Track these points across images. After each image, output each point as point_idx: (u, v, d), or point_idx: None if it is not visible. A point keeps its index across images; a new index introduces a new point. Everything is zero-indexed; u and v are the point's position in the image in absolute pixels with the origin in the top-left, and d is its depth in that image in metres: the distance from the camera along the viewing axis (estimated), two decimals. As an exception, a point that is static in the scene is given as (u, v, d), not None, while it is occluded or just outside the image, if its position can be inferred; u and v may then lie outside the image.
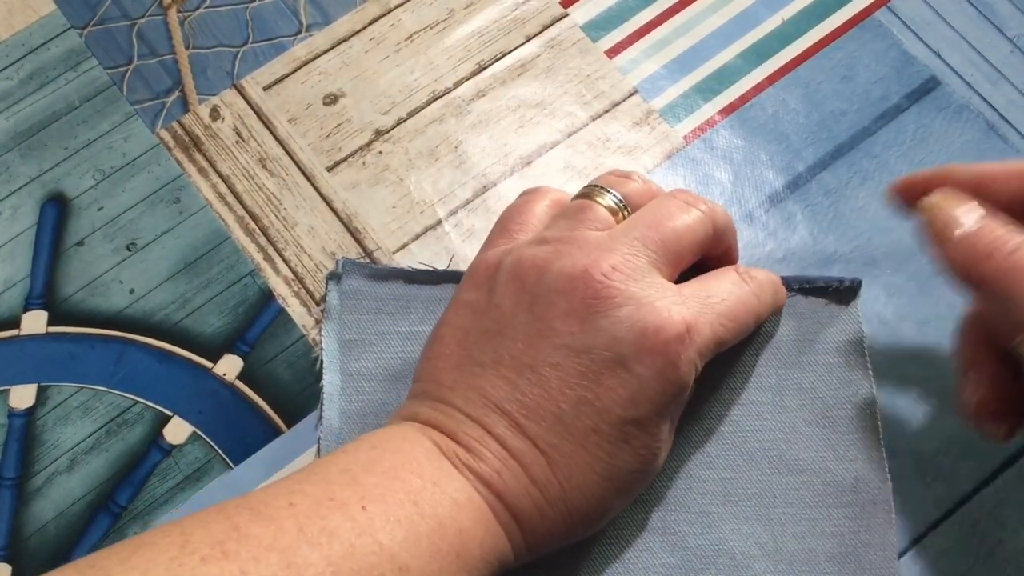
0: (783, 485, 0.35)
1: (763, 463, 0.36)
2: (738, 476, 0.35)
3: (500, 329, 0.31)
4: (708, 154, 0.42)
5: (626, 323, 0.30)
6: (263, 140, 0.42)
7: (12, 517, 0.37)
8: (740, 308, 0.33)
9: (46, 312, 0.39)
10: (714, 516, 0.35)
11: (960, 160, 0.41)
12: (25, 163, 0.42)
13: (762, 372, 0.37)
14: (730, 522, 0.35)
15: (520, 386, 0.30)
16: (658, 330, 0.30)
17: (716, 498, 0.35)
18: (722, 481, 0.35)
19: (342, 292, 0.38)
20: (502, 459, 0.30)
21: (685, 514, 0.35)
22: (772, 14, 0.44)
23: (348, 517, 0.27)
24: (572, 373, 0.30)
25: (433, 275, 0.38)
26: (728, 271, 0.34)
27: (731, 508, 0.35)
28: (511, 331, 0.31)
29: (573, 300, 0.30)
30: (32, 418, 0.38)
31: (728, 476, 0.35)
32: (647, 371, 0.30)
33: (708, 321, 0.31)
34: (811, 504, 0.35)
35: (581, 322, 0.30)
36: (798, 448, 0.36)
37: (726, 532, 0.35)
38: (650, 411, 0.30)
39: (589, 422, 0.30)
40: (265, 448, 0.37)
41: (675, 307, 0.30)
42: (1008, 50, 0.43)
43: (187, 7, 0.45)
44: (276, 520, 0.27)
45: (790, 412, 0.36)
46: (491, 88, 0.43)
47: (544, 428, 0.30)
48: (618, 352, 0.30)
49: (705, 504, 0.35)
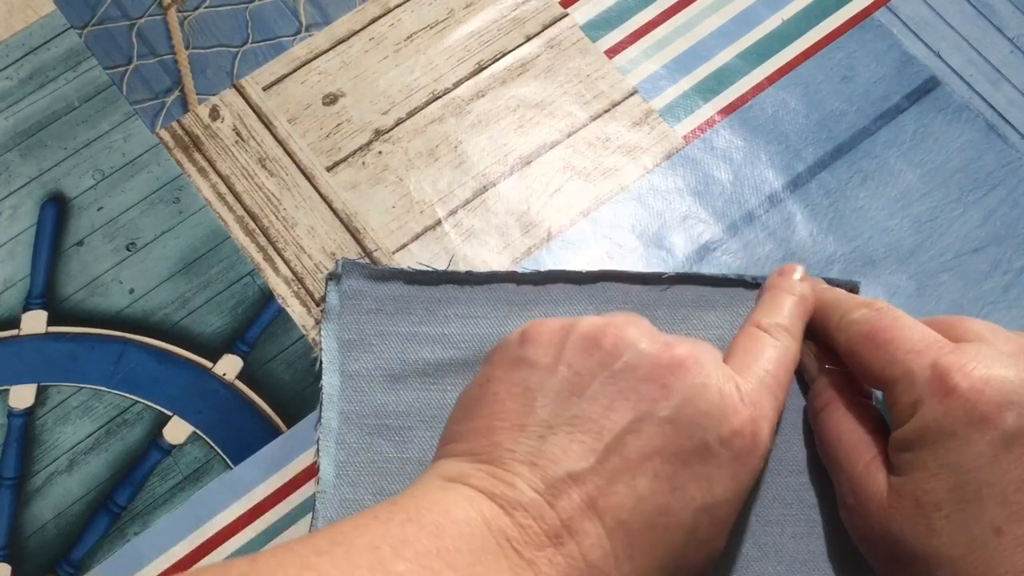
0: (782, 485, 0.35)
1: None
2: None
3: (575, 390, 0.29)
4: (708, 154, 0.42)
5: (709, 398, 0.29)
6: (263, 140, 0.42)
7: (12, 517, 0.37)
8: (784, 371, 0.33)
9: (46, 312, 0.39)
10: None
11: (959, 160, 0.41)
12: (25, 163, 0.42)
13: None
14: None
15: (597, 452, 0.28)
16: (736, 413, 0.29)
17: None
18: None
19: (342, 292, 0.38)
20: (557, 542, 0.27)
21: None
22: (772, 14, 0.44)
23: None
24: (655, 444, 0.28)
25: (433, 276, 0.38)
26: (756, 337, 0.34)
27: None
28: (589, 392, 0.29)
29: (657, 364, 0.29)
30: (32, 418, 0.38)
31: None
32: (729, 454, 0.29)
33: (769, 400, 0.31)
34: (811, 505, 0.35)
35: (663, 387, 0.29)
36: (797, 448, 0.36)
37: None
38: (723, 498, 0.29)
39: (662, 500, 0.28)
40: (265, 448, 0.37)
41: (746, 391, 0.30)
42: (1008, 50, 0.43)
43: (187, 7, 0.45)
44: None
45: (789, 412, 0.36)
46: (491, 88, 0.43)
47: (614, 503, 0.27)
48: (701, 427, 0.28)
49: None
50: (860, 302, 0.34)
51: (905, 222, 0.40)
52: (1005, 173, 0.40)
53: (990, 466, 0.28)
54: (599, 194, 0.41)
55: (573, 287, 0.38)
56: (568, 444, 0.28)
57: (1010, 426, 0.28)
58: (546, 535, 0.27)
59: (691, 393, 0.29)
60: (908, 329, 0.31)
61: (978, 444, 0.28)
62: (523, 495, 0.27)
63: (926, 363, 0.30)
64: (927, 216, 0.40)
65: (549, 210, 0.41)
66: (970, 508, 0.28)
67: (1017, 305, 0.38)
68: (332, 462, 0.36)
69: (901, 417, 0.30)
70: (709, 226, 0.40)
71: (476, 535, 0.26)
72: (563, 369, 0.29)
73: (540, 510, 0.27)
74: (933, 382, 0.29)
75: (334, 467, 0.36)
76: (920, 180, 0.41)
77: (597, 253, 0.40)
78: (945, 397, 0.29)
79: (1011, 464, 0.28)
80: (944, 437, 0.29)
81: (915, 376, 0.30)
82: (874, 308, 0.33)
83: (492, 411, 0.29)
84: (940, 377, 0.29)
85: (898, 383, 0.30)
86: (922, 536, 0.29)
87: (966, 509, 0.28)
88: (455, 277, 0.38)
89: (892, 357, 0.31)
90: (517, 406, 0.29)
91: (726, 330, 0.37)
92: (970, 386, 0.29)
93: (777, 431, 0.31)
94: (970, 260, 0.39)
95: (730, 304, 0.38)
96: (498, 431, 0.29)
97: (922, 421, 0.29)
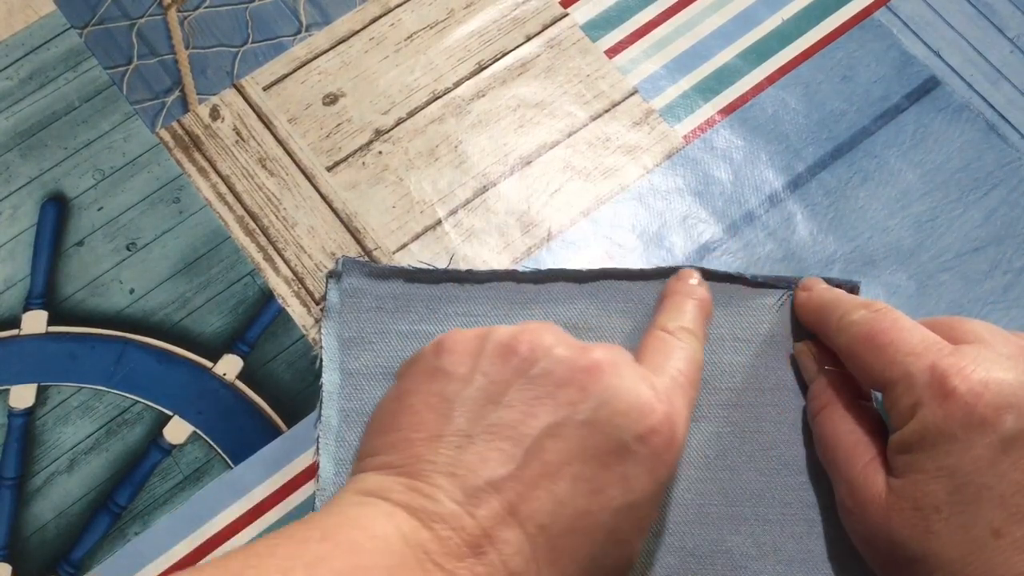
0: (782, 485, 0.35)
1: (762, 463, 0.36)
2: (737, 476, 0.35)
3: (492, 398, 0.29)
4: (708, 154, 0.42)
5: (625, 398, 0.29)
6: (263, 140, 0.42)
7: (12, 517, 0.37)
8: (694, 369, 0.33)
9: (46, 312, 0.39)
10: (712, 516, 0.35)
11: (959, 159, 0.41)
12: (25, 163, 0.42)
13: (761, 373, 0.37)
14: (729, 522, 0.35)
15: (517, 459, 0.28)
16: (653, 411, 0.29)
17: (714, 498, 0.35)
18: (721, 481, 0.35)
19: (342, 290, 0.38)
20: (477, 552, 0.27)
21: (683, 514, 0.35)
22: (772, 14, 0.44)
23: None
24: (573, 447, 0.28)
25: (433, 274, 0.38)
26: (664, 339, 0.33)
27: (729, 508, 0.35)
28: (506, 399, 0.29)
29: (573, 368, 0.29)
30: (32, 418, 0.38)
31: (727, 476, 0.35)
32: (647, 451, 0.29)
33: (682, 398, 0.31)
34: (810, 504, 0.35)
35: (581, 391, 0.29)
36: (797, 448, 0.36)
37: (725, 532, 0.35)
38: (642, 497, 0.29)
39: (583, 503, 0.28)
40: (265, 448, 0.37)
41: (661, 389, 0.30)
42: (1008, 50, 0.43)
43: (187, 7, 0.45)
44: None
45: (789, 412, 0.36)
46: (491, 88, 0.43)
47: (535, 508, 0.27)
48: (618, 427, 0.28)
49: (703, 504, 0.35)
50: (859, 303, 0.34)
51: (905, 222, 0.40)
52: (1005, 173, 0.40)
53: (989, 469, 0.28)
54: (599, 194, 0.41)
55: (573, 285, 0.38)
56: (487, 452, 0.28)
57: (1008, 429, 0.28)
58: (466, 545, 0.27)
59: (608, 395, 0.29)
60: (907, 331, 0.31)
61: (977, 447, 0.28)
62: (443, 507, 0.27)
63: (925, 365, 0.30)
64: (927, 216, 0.40)
65: (549, 210, 0.41)
66: (969, 510, 0.28)
67: (1017, 305, 0.39)
68: (332, 459, 0.36)
69: (900, 419, 0.30)
70: (709, 226, 0.40)
71: (394, 551, 0.26)
72: (479, 377, 0.29)
73: (460, 521, 0.27)
74: (932, 385, 0.29)
75: (333, 464, 0.36)
76: (920, 180, 0.41)
77: (597, 253, 0.40)
78: (944, 400, 0.29)
79: (1010, 467, 0.28)
80: (943, 440, 0.29)
81: (914, 378, 0.30)
82: (873, 309, 0.33)
83: (409, 423, 0.29)
84: (939, 380, 0.29)
85: (897, 385, 0.30)
86: (920, 538, 0.29)
87: (965, 511, 0.28)
88: (455, 275, 0.38)
89: (891, 359, 0.31)
90: (434, 416, 0.29)
91: (725, 328, 0.37)
92: (969, 389, 0.29)
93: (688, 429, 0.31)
94: (970, 260, 0.39)
95: (729, 302, 0.38)
96: (416, 443, 0.29)
97: (921, 424, 0.29)
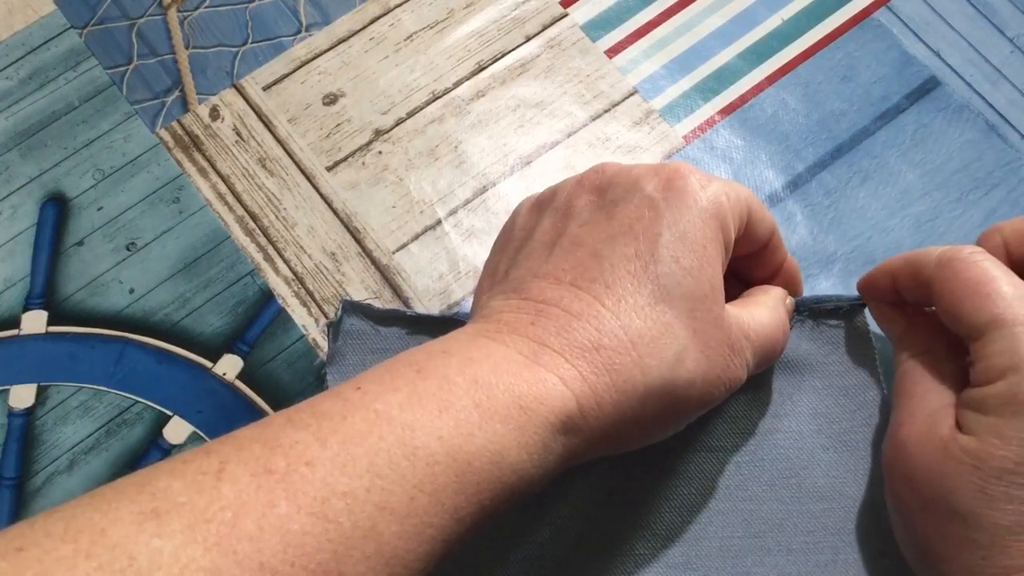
0: (804, 513, 0.34)
1: (783, 492, 0.35)
2: (759, 507, 0.35)
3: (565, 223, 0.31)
4: (708, 154, 0.42)
5: None
6: (263, 140, 0.42)
7: (12, 517, 0.37)
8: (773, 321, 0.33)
9: (46, 312, 0.39)
10: (736, 548, 0.34)
11: (959, 159, 0.41)
12: (25, 163, 0.42)
13: (777, 400, 0.36)
14: (753, 554, 0.34)
15: (560, 247, 0.30)
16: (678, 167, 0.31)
17: (737, 530, 0.34)
18: (742, 512, 0.34)
19: (344, 332, 0.37)
20: (534, 311, 0.29)
21: (707, 548, 0.34)
22: (772, 14, 0.44)
23: None
24: None
25: (434, 321, 0.37)
26: None
27: (753, 539, 0.34)
28: (577, 218, 0.31)
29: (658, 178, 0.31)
30: (32, 418, 0.38)
31: (748, 507, 0.35)
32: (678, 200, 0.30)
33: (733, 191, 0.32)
34: (833, 531, 0.34)
35: None
36: (817, 475, 0.35)
37: (749, 564, 0.34)
38: (694, 227, 0.30)
39: (629, 249, 0.29)
40: (265, 448, 0.37)
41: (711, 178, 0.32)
42: (1008, 50, 0.43)
43: (187, 7, 0.45)
44: None
45: (807, 439, 0.35)
46: (491, 88, 0.43)
47: (575, 262, 0.30)
48: (651, 190, 0.30)
49: (726, 536, 0.34)
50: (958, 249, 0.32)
51: (905, 222, 0.40)
52: (1005, 173, 0.40)
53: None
54: (599, 194, 0.41)
55: None
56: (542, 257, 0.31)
57: None
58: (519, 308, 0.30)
59: None
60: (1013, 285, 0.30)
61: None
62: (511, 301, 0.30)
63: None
64: (927, 216, 0.40)
65: (549, 210, 0.41)
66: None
67: (1017, 305, 0.38)
68: None
69: (987, 375, 0.29)
70: (709, 226, 0.40)
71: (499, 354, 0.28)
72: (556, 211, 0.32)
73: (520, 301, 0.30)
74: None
75: None
76: (920, 180, 0.41)
77: (597, 253, 0.40)
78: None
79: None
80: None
81: (1018, 341, 0.29)
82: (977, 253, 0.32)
83: None
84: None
85: (994, 342, 0.29)
86: (972, 495, 0.28)
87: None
88: (456, 324, 0.36)
89: (992, 313, 0.29)
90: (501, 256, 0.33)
91: None
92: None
93: None
94: (970, 260, 0.39)
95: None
96: None
97: (1011, 390, 0.28)
